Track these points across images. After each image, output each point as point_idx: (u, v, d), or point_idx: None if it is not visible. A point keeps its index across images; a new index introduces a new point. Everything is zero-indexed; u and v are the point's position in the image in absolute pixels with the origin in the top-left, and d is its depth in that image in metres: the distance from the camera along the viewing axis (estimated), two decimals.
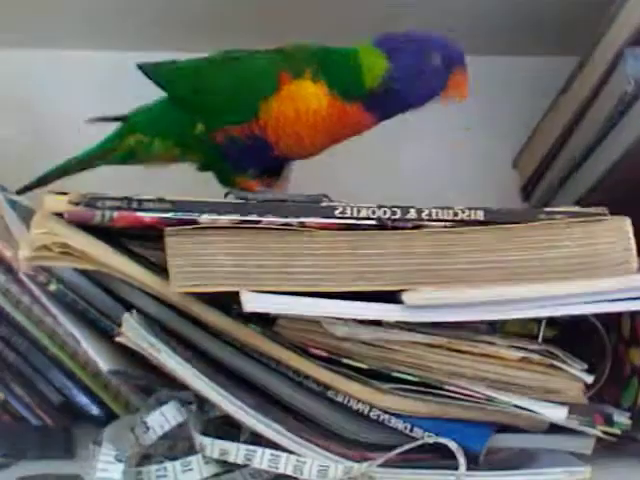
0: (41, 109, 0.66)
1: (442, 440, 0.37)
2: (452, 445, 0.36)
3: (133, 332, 0.37)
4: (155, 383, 0.45)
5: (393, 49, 0.43)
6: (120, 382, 0.49)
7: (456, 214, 0.39)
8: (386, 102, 0.43)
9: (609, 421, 0.41)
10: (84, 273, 0.42)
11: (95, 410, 0.51)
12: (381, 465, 0.37)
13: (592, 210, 0.39)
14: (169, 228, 0.38)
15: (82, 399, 0.51)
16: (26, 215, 0.50)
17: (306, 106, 0.42)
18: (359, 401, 0.40)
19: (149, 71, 0.48)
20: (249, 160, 0.45)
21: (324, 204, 0.40)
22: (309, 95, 0.43)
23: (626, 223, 0.37)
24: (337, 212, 0.39)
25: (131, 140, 0.48)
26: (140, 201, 0.39)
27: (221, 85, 0.44)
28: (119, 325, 0.42)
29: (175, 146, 0.46)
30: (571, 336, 0.47)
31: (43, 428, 0.50)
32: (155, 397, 0.43)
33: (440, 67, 0.43)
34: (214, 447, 0.36)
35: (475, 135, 0.60)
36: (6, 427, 0.50)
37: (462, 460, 0.36)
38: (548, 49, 0.65)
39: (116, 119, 0.51)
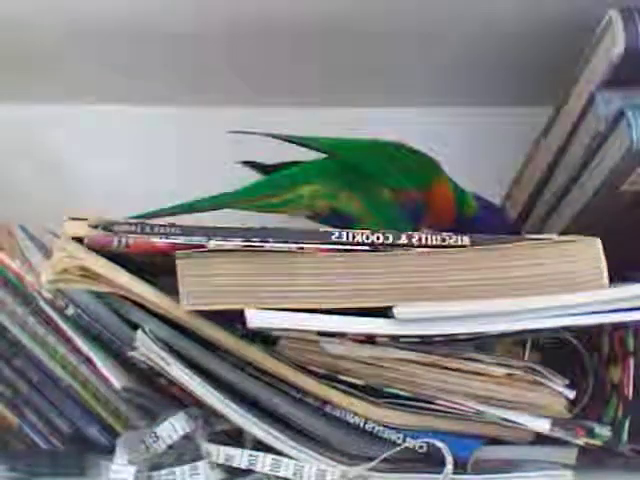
0: (66, 160, 0.71)
1: (430, 440, 0.40)
2: (438, 444, 0.39)
3: (145, 346, 0.40)
4: (161, 404, 0.48)
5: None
6: (129, 405, 0.52)
7: (444, 239, 0.43)
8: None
9: (590, 434, 0.43)
10: (98, 298, 0.46)
11: (103, 440, 0.54)
12: (375, 470, 0.39)
13: (567, 237, 0.42)
14: (180, 252, 0.41)
15: (91, 429, 0.53)
16: (44, 252, 0.54)
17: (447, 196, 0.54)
18: (355, 414, 0.43)
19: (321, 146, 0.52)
20: (417, 219, 0.53)
21: (321, 229, 0.43)
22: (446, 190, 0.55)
23: (596, 242, 0.41)
24: (333, 237, 0.43)
25: (304, 190, 0.50)
26: (152, 226, 0.43)
27: (408, 164, 0.53)
28: (130, 346, 0.45)
29: (365, 205, 0.51)
30: (555, 359, 0.50)
31: (56, 451, 0.52)
32: (163, 417, 0.46)
33: None
34: (220, 453, 0.39)
35: (464, 183, 0.64)
36: (21, 450, 0.52)
37: (449, 458, 0.38)
38: (531, 100, 0.70)
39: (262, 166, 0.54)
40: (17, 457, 0.48)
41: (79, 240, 0.43)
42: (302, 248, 0.42)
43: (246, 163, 0.56)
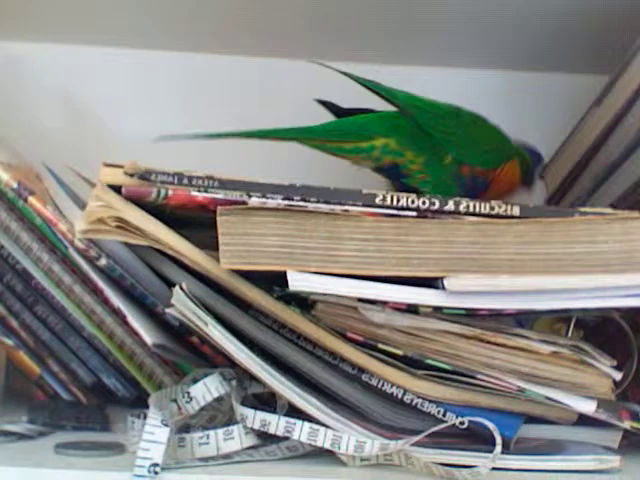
0: (88, 103, 0.69)
1: (479, 420, 0.38)
2: (489, 424, 0.38)
3: (182, 304, 0.38)
4: (191, 362, 0.47)
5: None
6: (154, 362, 0.50)
7: (492, 208, 0.41)
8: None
9: (635, 417, 0.42)
10: (132, 250, 0.44)
11: (124, 392, 0.53)
12: (415, 445, 0.38)
13: (624, 212, 0.40)
14: (221, 207, 0.39)
15: (112, 381, 0.52)
16: (72, 197, 0.52)
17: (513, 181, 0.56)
18: (393, 385, 0.41)
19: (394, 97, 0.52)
20: (473, 193, 0.54)
21: (365, 191, 0.41)
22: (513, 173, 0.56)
23: None
24: (378, 199, 0.41)
25: (377, 142, 0.50)
26: (190, 177, 0.41)
27: (482, 140, 0.54)
28: (164, 303, 0.43)
29: (423, 163, 0.51)
30: (597, 337, 0.48)
31: (78, 403, 0.51)
32: (192, 376, 0.45)
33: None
34: (255, 418, 0.37)
35: None
36: (43, 401, 0.51)
37: (499, 439, 0.37)
38: (579, 67, 0.67)
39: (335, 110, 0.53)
40: (39, 408, 0.47)
41: (115, 188, 0.41)
42: (347, 211, 0.40)
43: (321, 102, 0.55)
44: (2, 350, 0.51)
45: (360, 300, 0.41)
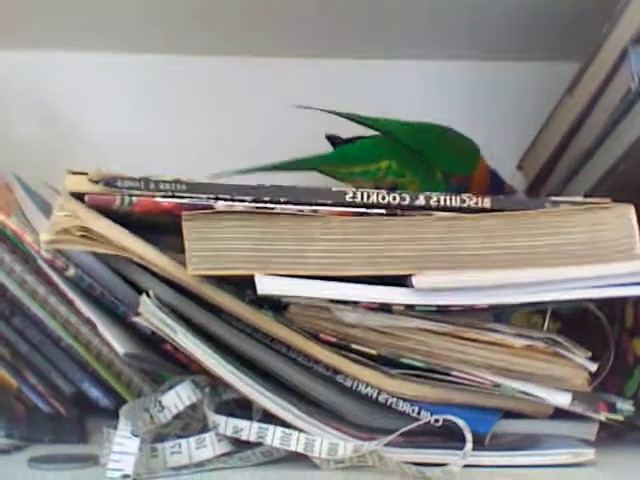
0: (62, 110, 0.68)
1: (449, 417, 0.38)
2: (459, 422, 0.37)
3: (150, 313, 0.38)
4: (166, 369, 0.46)
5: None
6: (132, 370, 0.50)
7: (463, 201, 0.41)
8: None
9: (612, 409, 0.42)
10: (101, 259, 0.44)
11: (105, 402, 0.52)
12: (389, 445, 0.38)
13: (596, 200, 0.40)
14: (186, 212, 0.39)
15: (93, 391, 0.52)
16: (42, 207, 0.51)
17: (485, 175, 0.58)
18: (368, 385, 0.41)
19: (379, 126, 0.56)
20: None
21: (334, 189, 0.41)
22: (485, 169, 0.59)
23: (630, 210, 0.39)
24: (347, 197, 0.40)
25: (382, 164, 0.54)
26: (157, 182, 0.40)
27: (457, 149, 0.58)
28: (133, 310, 0.43)
29: (419, 182, 0.55)
30: (574, 329, 0.48)
31: (57, 416, 0.51)
32: (168, 384, 0.44)
33: None
34: (228, 425, 0.37)
35: (480, 138, 0.61)
36: (21, 413, 0.51)
37: (469, 436, 0.36)
38: (551, 54, 0.66)
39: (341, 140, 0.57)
40: (16, 421, 0.46)
41: (79, 197, 0.40)
42: (315, 211, 0.40)
43: (328, 137, 0.58)
44: None
45: (332, 301, 0.41)
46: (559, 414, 0.42)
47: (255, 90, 0.69)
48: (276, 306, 0.42)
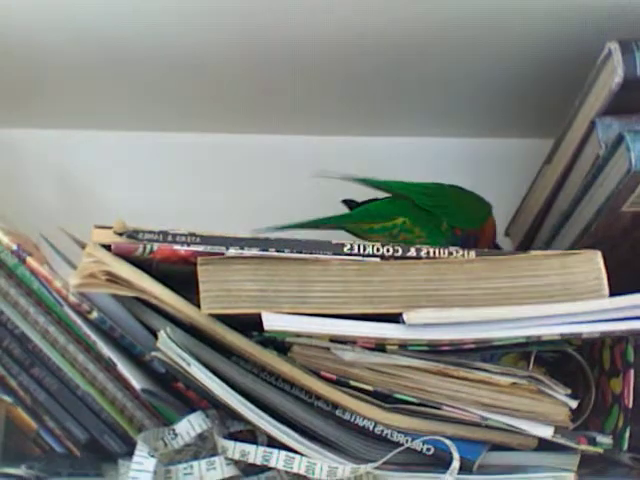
0: (84, 183, 0.74)
1: (439, 439, 0.41)
2: (446, 442, 0.41)
3: (167, 346, 0.42)
4: (176, 407, 0.50)
5: None
6: (144, 414, 0.53)
7: (451, 253, 0.45)
8: None
9: (592, 442, 0.45)
10: (121, 303, 0.48)
11: (117, 448, 0.55)
12: (384, 470, 0.41)
13: (569, 251, 0.45)
14: (201, 257, 0.44)
15: (106, 438, 0.55)
16: (69, 264, 0.56)
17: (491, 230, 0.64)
18: (365, 418, 0.44)
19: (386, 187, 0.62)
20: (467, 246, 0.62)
21: (334, 241, 0.45)
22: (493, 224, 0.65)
23: (597, 255, 0.43)
24: (345, 248, 0.45)
25: (397, 221, 0.60)
26: (174, 235, 0.45)
27: (465, 205, 0.63)
28: (150, 350, 0.47)
29: (426, 235, 0.60)
30: (558, 373, 0.51)
31: (72, 456, 0.54)
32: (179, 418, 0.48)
33: None
34: (235, 449, 0.40)
35: None
36: (39, 454, 0.54)
37: (456, 455, 0.40)
38: (531, 133, 0.73)
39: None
40: (36, 459, 0.49)
41: (105, 247, 0.45)
42: (316, 258, 0.44)
43: (344, 202, 0.64)
44: (2, 407, 0.54)
45: (332, 340, 0.45)
46: (543, 447, 0.45)
47: (263, 164, 0.75)
48: (280, 348, 0.46)
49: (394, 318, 0.43)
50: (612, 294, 0.43)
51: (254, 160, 0.74)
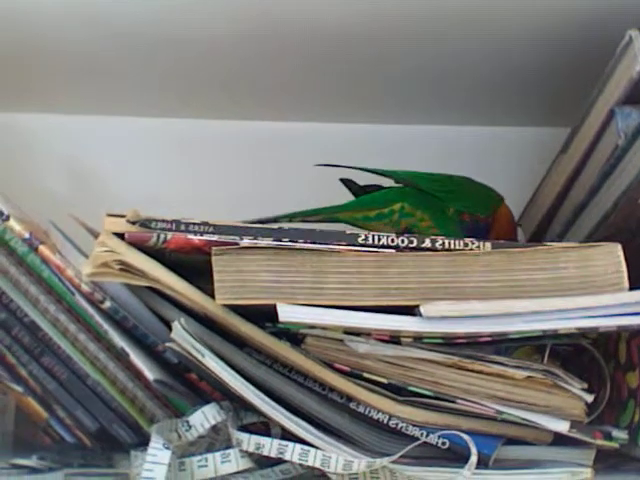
0: (93, 169, 0.74)
1: (456, 433, 0.41)
2: (464, 436, 0.40)
3: (181, 337, 0.42)
4: (189, 398, 0.49)
5: None
6: (155, 404, 0.53)
7: (466, 244, 0.45)
8: None
9: (607, 437, 0.45)
10: (134, 293, 0.47)
11: (127, 438, 0.55)
12: (399, 464, 0.40)
13: (589, 243, 0.44)
14: (216, 247, 0.43)
15: (116, 428, 0.55)
16: (79, 251, 0.55)
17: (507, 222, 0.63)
18: (379, 411, 0.44)
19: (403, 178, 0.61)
20: (478, 235, 0.60)
21: (348, 231, 0.45)
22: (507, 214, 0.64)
23: (617, 248, 0.43)
24: (360, 239, 0.44)
25: (395, 206, 0.59)
26: (187, 224, 0.45)
27: (474, 194, 0.63)
28: (163, 340, 0.47)
29: (429, 217, 0.60)
30: (573, 367, 0.51)
31: (83, 447, 0.53)
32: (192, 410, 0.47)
33: None
34: (250, 441, 0.40)
35: None
36: (50, 444, 0.54)
37: (474, 449, 0.39)
38: (547, 121, 0.72)
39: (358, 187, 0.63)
40: (47, 449, 0.49)
41: (117, 236, 0.45)
42: (331, 248, 0.44)
43: (343, 180, 0.64)
44: (12, 396, 0.54)
45: (346, 332, 0.44)
46: (559, 441, 0.45)
47: (270, 151, 0.74)
48: (293, 340, 0.45)
49: (409, 310, 0.43)
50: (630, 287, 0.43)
51: (263, 147, 0.74)
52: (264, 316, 0.44)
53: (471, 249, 0.44)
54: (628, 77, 0.50)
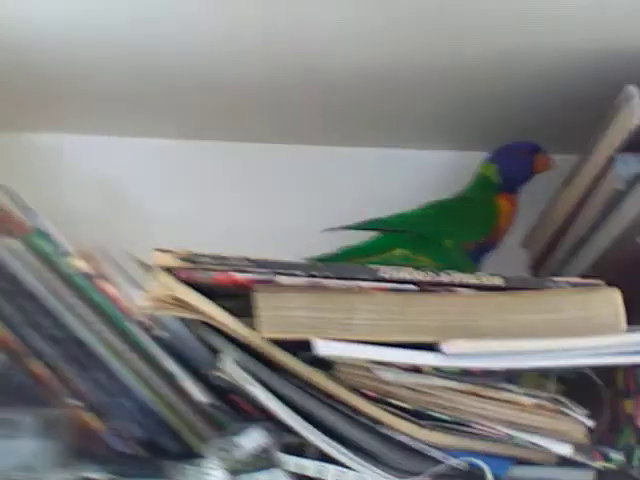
0: (124, 190, 0.78)
1: (473, 460, 0.46)
2: (481, 463, 0.46)
3: (231, 368, 0.47)
4: (233, 417, 0.54)
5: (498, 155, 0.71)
6: (197, 418, 0.58)
7: (479, 279, 0.50)
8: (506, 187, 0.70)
9: (606, 458, 0.50)
10: (184, 322, 0.53)
11: (173, 448, 0.60)
12: None
13: (590, 281, 0.49)
14: (257, 285, 0.48)
15: (163, 439, 0.60)
16: (124, 274, 0.60)
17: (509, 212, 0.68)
18: (402, 434, 0.49)
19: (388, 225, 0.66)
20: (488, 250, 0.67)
21: (370, 267, 0.50)
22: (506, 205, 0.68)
23: (616, 293, 0.48)
24: (380, 273, 0.49)
25: (397, 252, 0.64)
26: (228, 259, 0.49)
27: (467, 219, 0.67)
28: (209, 367, 0.52)
29: (430, 259, 0.64)
30: (576, 392, 0.56)
31: (135, 456, 0.58)
32: (231, 429, 0.52)
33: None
34: (293, 463, 0.45)
35: None
36: (105, 455, 0.59)
37: (490, 476, 0.45)
38: (552, 148, 0.76)
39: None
40: (102, 460, 0.54)
41: (168, 270, 0.50)
42: (360, 287, 0.49)
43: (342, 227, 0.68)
44: (71, 411, 0.58)
45: (373, 362, 0.49)
46: (561, 462, 0.50)
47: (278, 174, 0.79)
48: (322, 362, 0.50)
49: (430, 345, 0.48)
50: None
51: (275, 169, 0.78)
52: (297, 344, 0.50)
53: (483, 284, 0.49)
54: (627, 129, 0.54)
